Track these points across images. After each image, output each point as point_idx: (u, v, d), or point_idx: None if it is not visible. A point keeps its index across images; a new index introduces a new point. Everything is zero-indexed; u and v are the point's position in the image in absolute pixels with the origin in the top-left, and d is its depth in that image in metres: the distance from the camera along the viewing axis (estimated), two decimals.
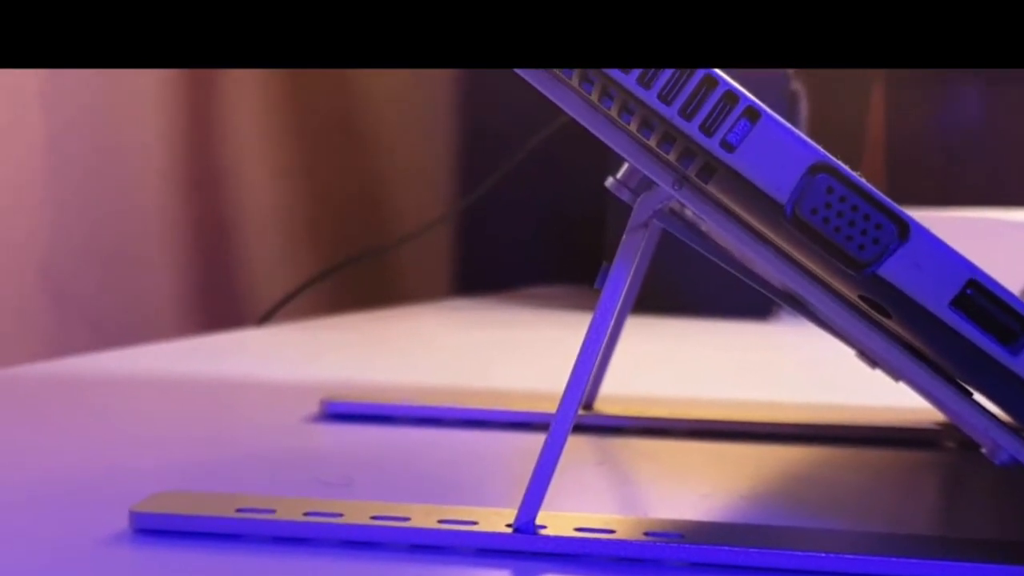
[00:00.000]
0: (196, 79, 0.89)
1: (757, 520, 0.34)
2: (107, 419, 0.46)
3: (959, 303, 0.24)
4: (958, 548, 0.30)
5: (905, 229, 0.25)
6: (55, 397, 0.50)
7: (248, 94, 0.94)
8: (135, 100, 0.84)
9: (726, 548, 0.30)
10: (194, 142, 0.90)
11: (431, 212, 1.06)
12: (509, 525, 0.31)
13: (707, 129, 0.25)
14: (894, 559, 0.29)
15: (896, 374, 0.34)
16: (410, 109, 1.11)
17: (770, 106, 0.26)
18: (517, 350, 0.69)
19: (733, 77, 0.26)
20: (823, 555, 0.30)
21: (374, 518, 0.31)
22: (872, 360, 0.37)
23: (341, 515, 0.31)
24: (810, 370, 0.64)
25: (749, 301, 0.79)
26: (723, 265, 0.32)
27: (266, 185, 0.97)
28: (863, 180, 0.25)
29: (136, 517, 0.31)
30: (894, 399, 0.46)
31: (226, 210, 0.93)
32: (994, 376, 0.24)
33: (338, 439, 0.43)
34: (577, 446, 0.43)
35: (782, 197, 0.25)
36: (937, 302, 0.24)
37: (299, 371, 0.57)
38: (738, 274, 0.32)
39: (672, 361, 0.67)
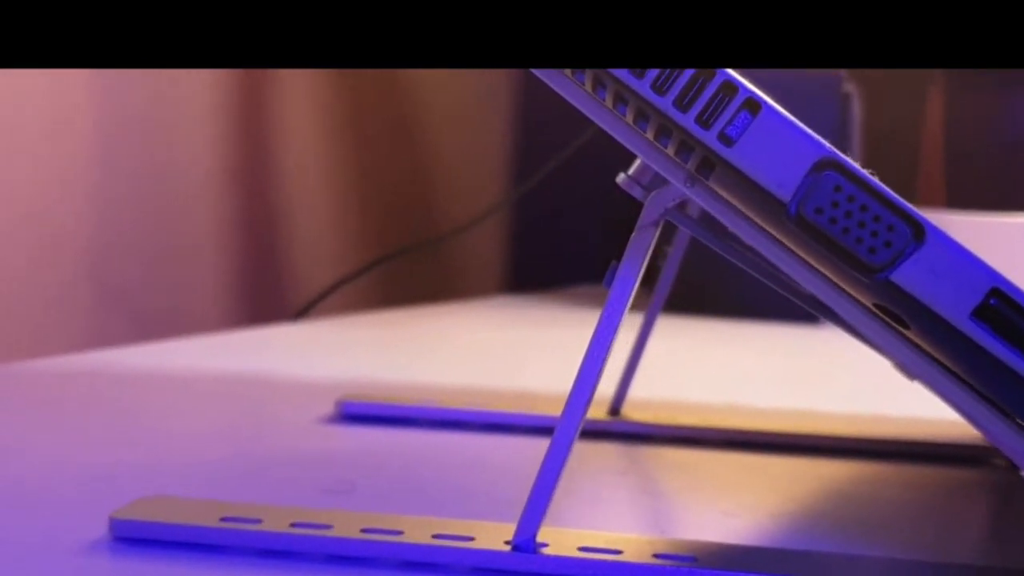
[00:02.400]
0: (246, 74, 0.88)
1: (782, 543, 0.32)
2: (118, 414, 0.45)
3: (981, 314, 0.22)
4: None
5: (920, 231, 0.22)
6: (73, 390, 0.49)
7: (298, 87, 0.93)
8: (184, 96, 0.83)
9: (741, 575, 0.28)
10: (243, 137, 0.89)
11: (483, 206, 1.04)
12: (507, 542, 0.29)
13: (704, 122, 0.22)
14: None
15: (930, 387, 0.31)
16: (462, 101, 1.09)
17: (822, 108, 0.23)
18: (555, 351, 0.66)
19: (786, 78, 0.23)
20: None
21: (364, 531, 0.29)
22: (909, 372, 0.35)
23: (330, 527, 0.29)
24: (858, 378, 0.61)
25: (797, 304, 0.76)
26: (746, 268, 0.30)
27: (315, 179, 0.95)
28: (874, 178, 0.22)
29: (116, 524, 0.29)
30: (944, 412, 0.43)
31: (274, 204, 0.92)
32: (1021, 393, 0.21)
33: (349, 442, 0.41)
34: (601, 453, 0.41)
35: (785, 195, 0.22)
36: (957, 312, 0.21)
37: (324, 369, 0.56)
38: (762, 278, 0.30)
39: (712, 366, 0.64)
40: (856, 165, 0.22)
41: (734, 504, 0.35)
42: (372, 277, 0.94)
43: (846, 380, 0.61)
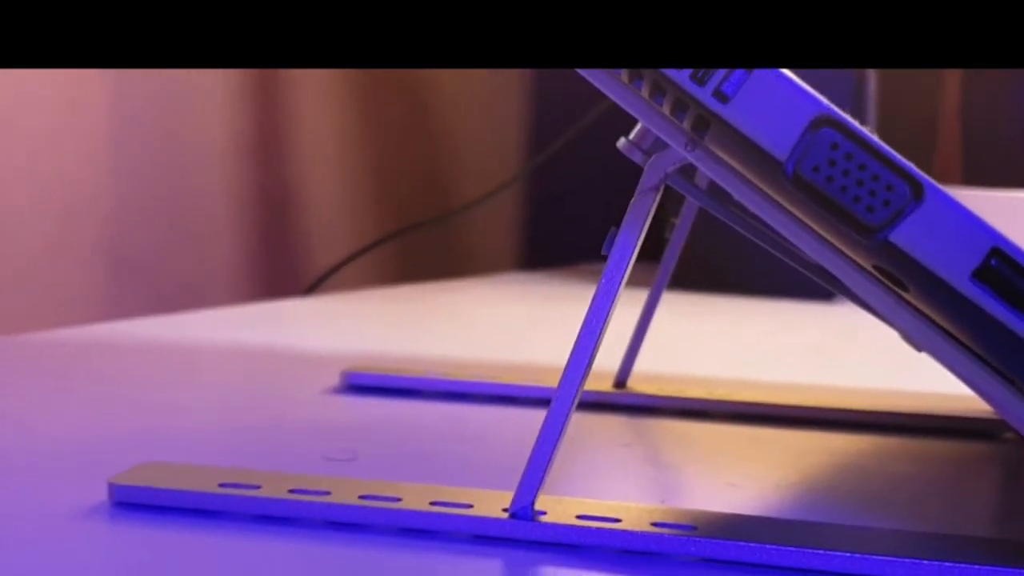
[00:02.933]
0: None
1: (785, 514, 0.31)
2: (127, 383, 0.45)
3: (982, 275, 0.21)
4: (1007, 553, 0.27)
5: (919, 190, 0.22)
6: (86, 360, 0.49)
7: None
8: (201, 74, 0.83)
9: (741, 544, 0.27)
10: (258, 114, 0.89)
11: (497, 182, 1.03)
12: (505, 510, 0.28)
13: (699, 79, 0.22)
14: (928, 563, 0.26)
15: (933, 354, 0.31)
16: (477, 77, 1.09)
17: (837, 86, 0.23)
18: (565, 326, 0.66)
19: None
20: (848, 555, 0.27)
21: (362, 498, 0.29)
22: (917, 343, 0.34)
23: (329, 493, 0.29)
24: (871, 355, 0.60)
25: (811, 280, 0.76)
26: (750, 236, 0.29)
27: (330, 155, 0.95)
28: (873, 136, 0.22)
29: (115, 489, 0.29)
30: (957, 387, 0.43)
31: (288, 181, 0.92)
32: (1018, 354, 0.21)
33: (353, 412, 0.41)
34: (605, 425, 0.41)
35: (781, 154, 0.22)
36: (957, 273, 0.21)
37: (333, 342, 0.56)
38: (767, 246, 0.29)
39: (725, 342, 0.64)
40: (855, 122, 0.22)
41: (738, 476, 0.35)
42: (386, 253, 0.94)
43: (859, 356, 0.60)
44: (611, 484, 0.34)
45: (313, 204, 0.94)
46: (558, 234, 1.12)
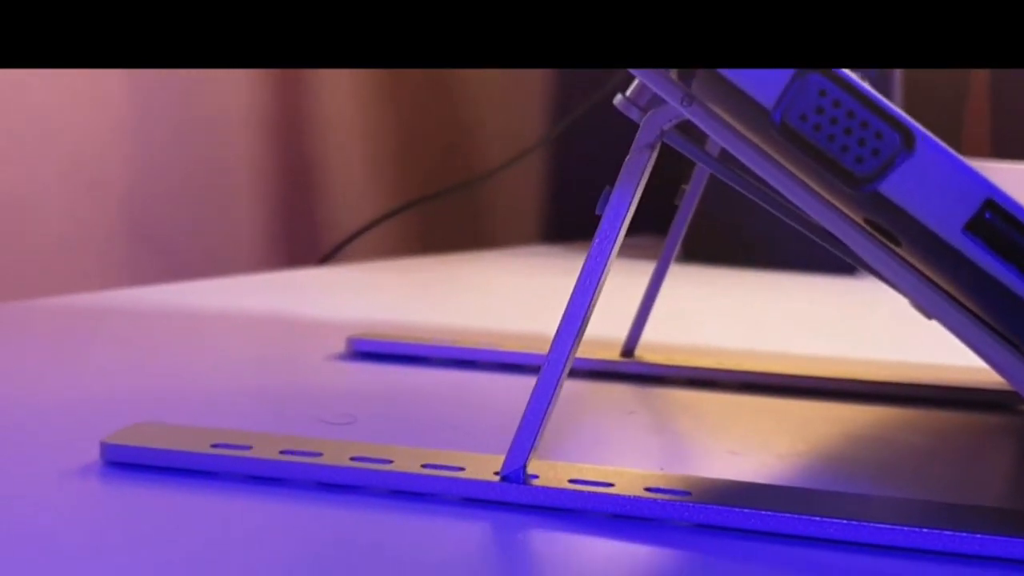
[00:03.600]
0: None
1: (787, 482, 0.31)
2: (136, 347, 0.44)
3: (975, 227, 0.20)
4: (1012, 521, 0.27)
5: (910, 139, 0.21)
6: (99, 324, 0.49)
7: None
8: None
9: (736, 510, 0.27)
10: (280, 85, 0.88)
11: (520, 149, 1.02)
12: (497, 473, 0.28)
13: None
14: (927, 531, 0.26)
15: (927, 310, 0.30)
16: None
17: None
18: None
19: None
20: (845, 522, 0.26)
21: (354, 459, 0.29)
22: (925, 309, 0.33)
23: (320, 454, 0.29)
24: (892, 328, 0.59)
25: (831, 253, 0.75)
26: (751, 196, 0.29)
27: (352, 125, 0.95)
28: (863, 83, 0.21)
29: (107, 449, 0.29)
30: (973, 359, 0.42)
31: (310, 151, 0.92)
32: (1014, 311, 0.20)
33: (356, 377, 0.41)
34: (610, 393, 0.40)
35: (768, 101, 0.21)
36: (949, 226, 0.20)
37: (345, 311, 0.55)
38: (769, 207, 0.29)
39: (742, 314, 0.63)
40: (844, 69, 0.21)
41: (742, 444, 0.35)
42: (409, 224, 0.93)
43: (880, 329, 0.60)
44: (612, 451, 0.34)
45: (335, 174, 0.93)
46: (584, 206, 1.11)
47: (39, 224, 0.72)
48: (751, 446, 0.34)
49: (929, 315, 0.35)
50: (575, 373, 0.43)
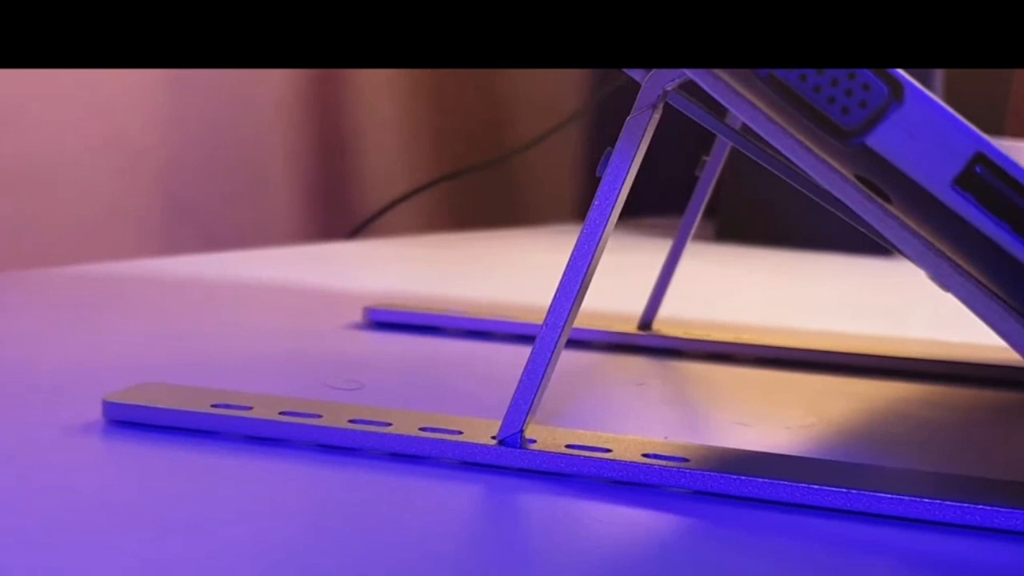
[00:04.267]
0: None
1: (791, 453, 0.30)
2: (156, 313, 0.45)
3: (964, 182, 0.20)
4: (1013, 493, 0.26)
5: (898, 90, 0.20)
6: (120, 291, 0.49)
7: None
8: None
9: (732, 477, 0.26)
10: None
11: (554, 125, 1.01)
12: (494, 437, 0.28)
13: None
14: (927, 501, 0.25)
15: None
16: None
17: None
18: (609, 274, 0.65)
19: None
20: (844, 491, 0.26)
21: (352, 422, 0.29)
22: (941, 281, 0.33)
23: (319, 416, 0.29)
24: (926, 308, 0.59)
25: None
26: (754, 157, 0.28)
27: (388, 103, 0.95)
28: None
29: (109, 407, 0.29)
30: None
31: (346, 128, 0.92)
32: (1008, 272, 0.20)
33: (369, 346, 0.41)
34: (624, 365, 0.40)
35: None
36: (937, 181, 0.20)
37: (369, 283, 0.55)
38: (774, 170, 0.28)
39: (770, 293, 0.62)
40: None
41: (751, 416, 0.34)
42: (443, 201, 0.93)
43: (910, 310, 0.59)
44: (618, 421, 0.34)
45: (369, 150, 0.93)
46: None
47: (79, 196, 0.73)
48: (760, 418, 0.34)
49: (946, 288, 0.35)
50: (591, 345, 0.43)
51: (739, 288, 0.62)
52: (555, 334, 0.27)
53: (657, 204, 1.03)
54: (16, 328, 0.41)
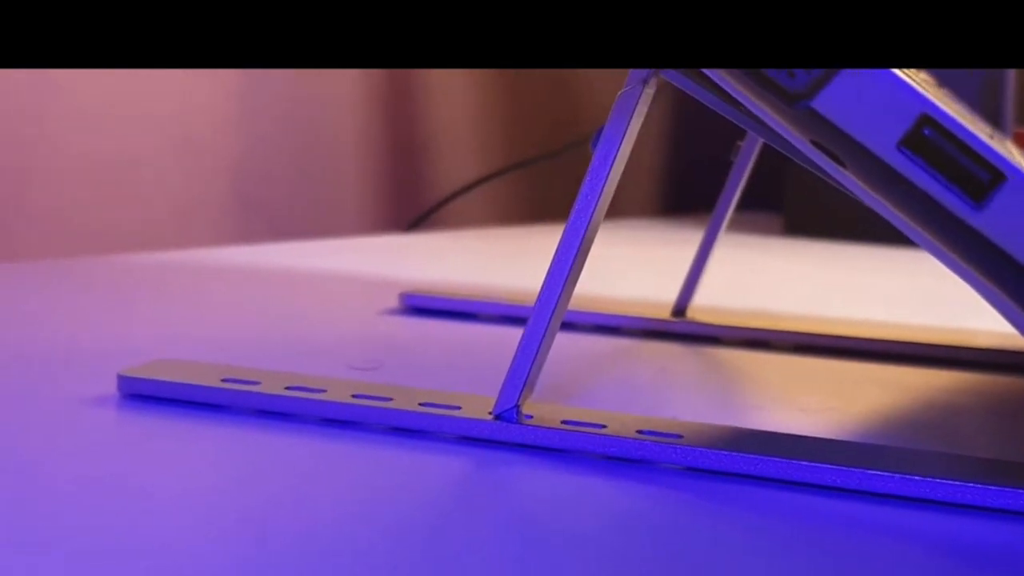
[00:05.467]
0: None
1: (798, 432, 0.30)
2: (203, 298, 0.46)
3: (911, 143, 0.19)
4: (994, 469, 0.26)
5: None
6: (170, 278, 0.50)
7: None
8: None
9: (724, 453, 0.26)
10: None
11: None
12: (491, 412, 0.28)
13: None
14: (920, 479, 0.25)
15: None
16: None
17: None
18: (664, 267, 0.65)
19: None
20: (837, 468, 0.26)
21: (355, 396, 0.29)
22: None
23: (323, 391, 0.29)
24: (966, 297, 0.57)
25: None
26: (751, 130, 0.28)
27: (460, 99, 0.95)
28: None
29: (123, 381, 0.30)
30: None
31: (418, 119, 0.93)
32: (957, 237, 0.19)
33: (398, 329, 0.41)
34: (650, 350, 0.40)
35: None
36: (883, 143, 0.19)
37: (417, 274, 0.56)
38: (772, 143, 0.28)
39: (825, 285, 0.61)
40: None
41: (769, 399, 0.34)
42: (517, 194, 0.93)
43: (952, 297, 0.57)
44: (631, 403, 0.33)
45: (442, 144, 0.94)
46: (705, 177, 1.08)
47: (155, 188, 0.75)
48: (777, 401, 0.34)
49: None
50: (622, 331, 0.42)
51: (796, 281, 0.61)
52: (547, 311, 0.27)
53: (750, 197, 1.02)
54: (73, 308, 0.43)
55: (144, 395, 0.30)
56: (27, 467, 0.25)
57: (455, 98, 0.95)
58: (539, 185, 0.97)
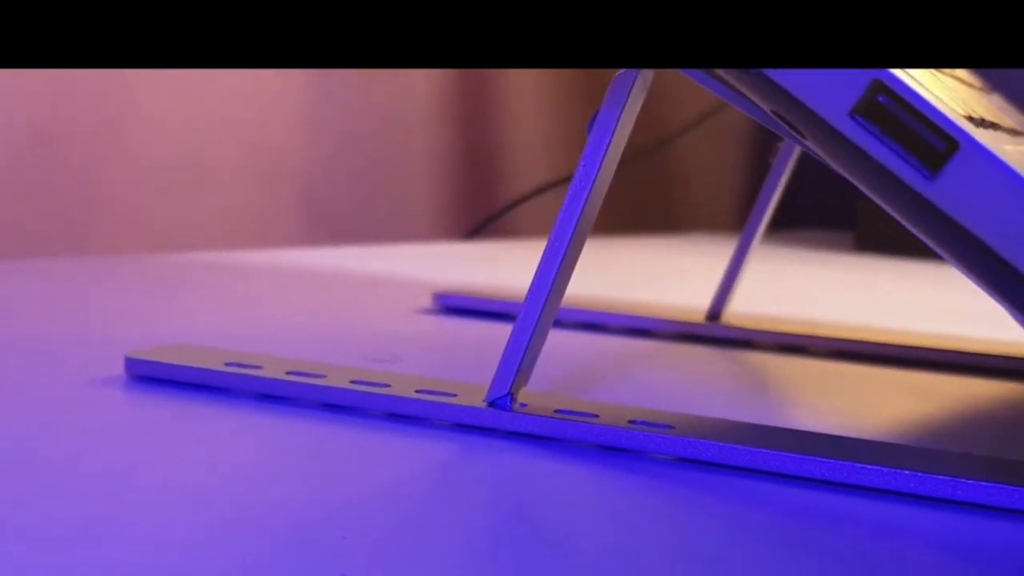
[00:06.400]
0: None
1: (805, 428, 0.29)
2: (243, 296, 0.46)
3: (864, 111, 0.19)
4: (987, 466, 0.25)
5: None
6: (227, 276, 0.51)
7: None
8: None
9: (713, 443, 0.26)
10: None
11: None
12: (484, 399, 0.28)
13: None
14: (891, 470, 0.24)
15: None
16: None
17: None
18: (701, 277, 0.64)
19: None
20: (826, 461, 0.25)
21: (353, 382, 0.29)
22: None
23: (323, 376, 0.29)
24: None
25: None
26: (751, 115, 0.27)
27: (534, 105, 0.95)
28: None
29: (129, 363, 0.31)
30: None
31: (491, 122, 0.92)
32: (914, 208, 0.18)
33: (426, 326, 0.41)
34: (678, 352, 0.39)
35: None
36: (835, 110, 0.19)
37: (467, 277, 0.56)
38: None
39: (885, 299, 0.60)
40: None
41: (781, 400, 0.33)
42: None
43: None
44: (638, 396, 0.33)
45: (515, 150, 0.94)
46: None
47: (224, 192, 0.77)
48: (789, 402, 0.33)
49: None
50: (653, 334, 0.42)
51: (862, 293, 0.60)
52: (540, 299, 0.27)
53: (811, 216, 1.00)
54: (126, 302, 0.43)
55: (149, 377, 0.30)
56: (37, 431, 0.26)
57: (528, 102, 0.95)
58: (620, 197, 0.96)
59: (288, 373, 0.30)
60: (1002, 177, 0.17)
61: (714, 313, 0.42)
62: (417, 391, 0.29)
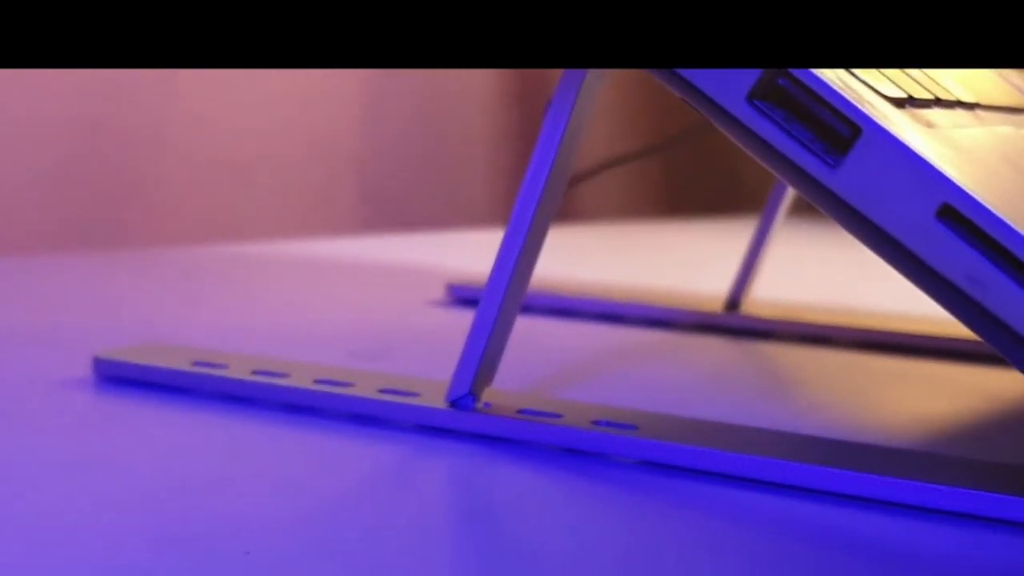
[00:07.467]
0: None
1: (793, 430, 0.28)
2: (252, 287, 0.46)
3: (762, 94, 0.17)
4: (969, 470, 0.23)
5: None
6: (259, 268, 0.50)
7: None
8: None
9: (677, 446, 0.24)
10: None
11: None
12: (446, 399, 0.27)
13: None
14: (855, 473, 0.22)
15: None
16: None
17: None
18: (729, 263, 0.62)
19: None
20: (782, 463, 0.23)
21: (317, 382, 0.28)
22: None
23: (287, 375, 0.29)
24: None
25: None
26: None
27: (599, 99, 0.94)
28: None
29: (97, 364, 0.30)
30: None
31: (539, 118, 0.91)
32: (817, 197, 0.17)
33: (432, 318, 0.40)
34: (687, 345, 0.38)
35: None
36: (732, 95, 0.17)
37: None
38: None
39: (891, 280, 0.57)
40: None
41: (781, 395, 0.31)
42: (647, 190, 0.91)
43: None
44: (631, 394, 0.31)
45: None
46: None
47: (281, 182, 0.77)
48: (788, 397, 0.31)
49: None
50: (670, 325, 0.40)
51: (886, 282, 0.57)
52: (499, 292, 0.26)
53: None
54: (140, 293, 0.43)
55: (117, 377, 0.30)
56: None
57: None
58: (669, 175, 0.94)
59: (254, 372, 0.29)
60: (904, 162, 0.16)
61: (733, 302, 0.40)
62: (380, 390, 0.28)
